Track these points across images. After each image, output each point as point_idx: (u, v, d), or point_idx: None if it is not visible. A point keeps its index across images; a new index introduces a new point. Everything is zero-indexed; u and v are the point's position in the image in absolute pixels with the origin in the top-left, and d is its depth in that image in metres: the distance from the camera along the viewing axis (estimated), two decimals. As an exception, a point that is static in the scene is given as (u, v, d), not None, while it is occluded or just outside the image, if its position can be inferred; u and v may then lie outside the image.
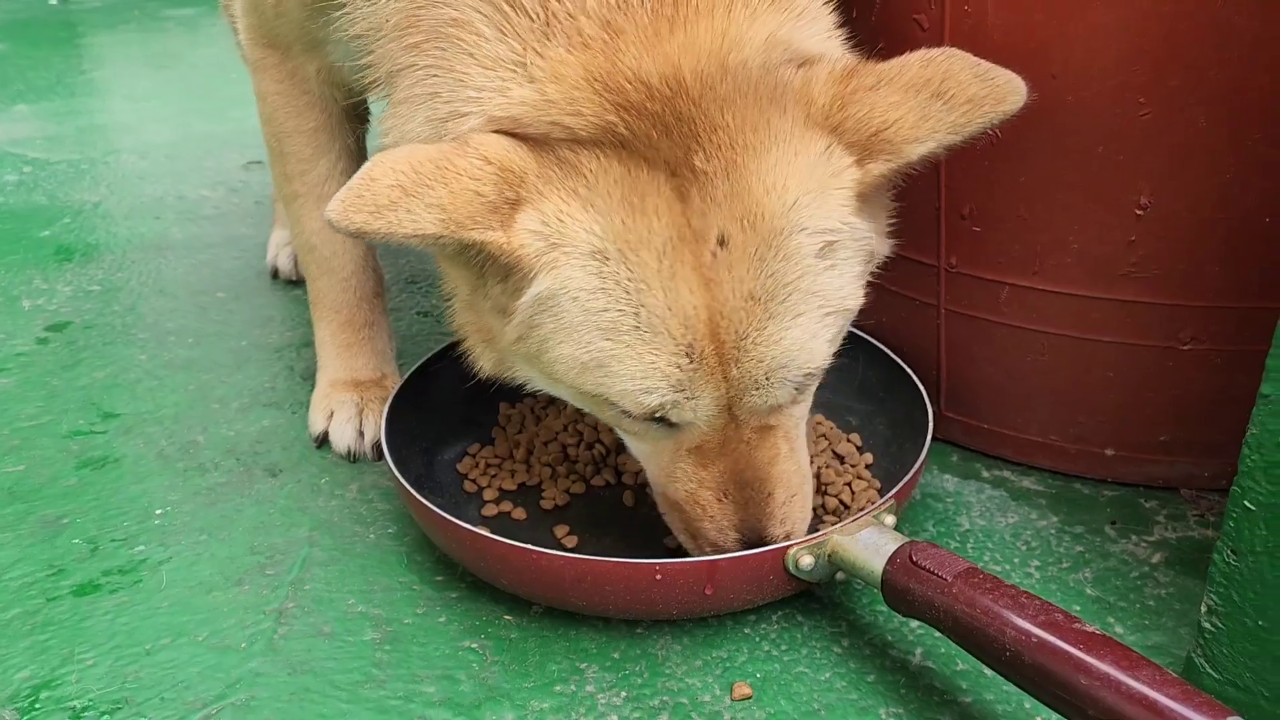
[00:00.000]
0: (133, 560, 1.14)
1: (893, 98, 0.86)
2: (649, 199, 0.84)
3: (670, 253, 0.84)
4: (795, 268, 0.86)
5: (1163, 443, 1.16)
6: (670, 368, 0.86)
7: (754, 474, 0.95)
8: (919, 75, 0.86)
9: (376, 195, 0.81)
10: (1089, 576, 1.07)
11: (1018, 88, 0.85)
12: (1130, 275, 1.08)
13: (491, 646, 1.01)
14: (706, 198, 0.84)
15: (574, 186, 0.85)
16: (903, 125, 0.85)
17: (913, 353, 1.25)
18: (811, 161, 0.86)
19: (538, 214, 0.85)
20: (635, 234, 0.84)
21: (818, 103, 0.86)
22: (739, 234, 0.84)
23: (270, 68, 1.25)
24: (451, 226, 0.82)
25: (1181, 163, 1.02)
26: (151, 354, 1.57)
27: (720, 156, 0.84)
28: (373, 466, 1.29)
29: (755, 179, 0.84)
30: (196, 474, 1.28)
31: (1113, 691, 0.75)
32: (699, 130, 0.83)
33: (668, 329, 0.85)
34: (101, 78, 3.24)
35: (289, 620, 1.05)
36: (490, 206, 0.84)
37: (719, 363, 0.87)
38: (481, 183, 0.83)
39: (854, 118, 0.86)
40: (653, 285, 0.84)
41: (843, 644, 1.00)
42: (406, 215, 0.81)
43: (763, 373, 0.88)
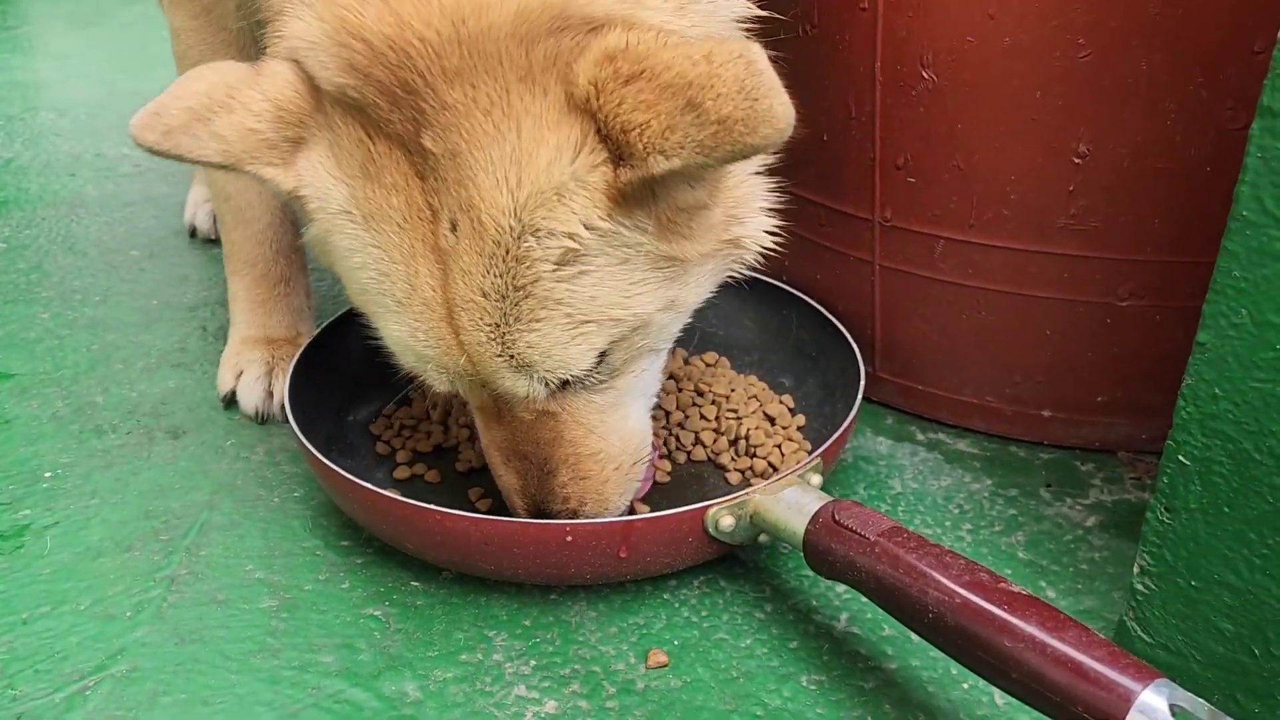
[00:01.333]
0: (15, 525, 1.06)
1: (646, 95, 0.70)
2: (386, 172, 0.78)
3: (410, 230, 0.79)
4: (527, 272, 0.77)
5: (1101, 403, 1.12)
6: (412, 340, 0.83)
7: (533, 450, 0.90)
8: (683, 75, 0.68)
9: (171, 116, 0.79)
10: (1021, 540, 1.03)
11: (777, 118, 0.66)
12: (1069, 228, 1.04)
13: (395, 614, 0.95)
14: (439, 179, 0.76)
15: (330, 140, 0.81)
16: (647, 131, 0.70)
17: (847, 311, 1.20)
18: (557, 154, 0.74)
19: (307, 159, 0.82)
20: (374, 204, 0.79)
21: (579, 84, 0.73)
22: (466, 225, 0.76)
23: (186, 2, 1.17)
24: (231, 159, 0.80)
25: (1122, 108, 0.98)
26: (55, 313, 1.49)
27: (448, 139, 0.75)
28: (282, 429, 1.23)
29: (483, 169, 0.74)
30: (92, 436, 1.21)
31: (1037, 654, 0.71)
32: (425, 106, 0.74)
33: (409, 303, 0.81)
34: (25, 34, 3.11)
35: (180, 587, 0.98)
36: (268, 143, 0.81)
37: (458, 346, 0.81)
38: (259, 118, 0.80)
39: (606, 110, 0.72)
40: (394, 258, 0.80)
41: (766, 609, 0.95)
42: (193, 141, 0.79)
43: (505, 366, 0.81)
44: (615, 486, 0.94)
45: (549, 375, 0.82)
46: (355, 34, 0.75)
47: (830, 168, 1.17)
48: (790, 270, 1.28)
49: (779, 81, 0.67)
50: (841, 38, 1.09)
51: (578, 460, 0.91)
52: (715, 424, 1.17)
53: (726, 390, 1.21)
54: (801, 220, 1.23)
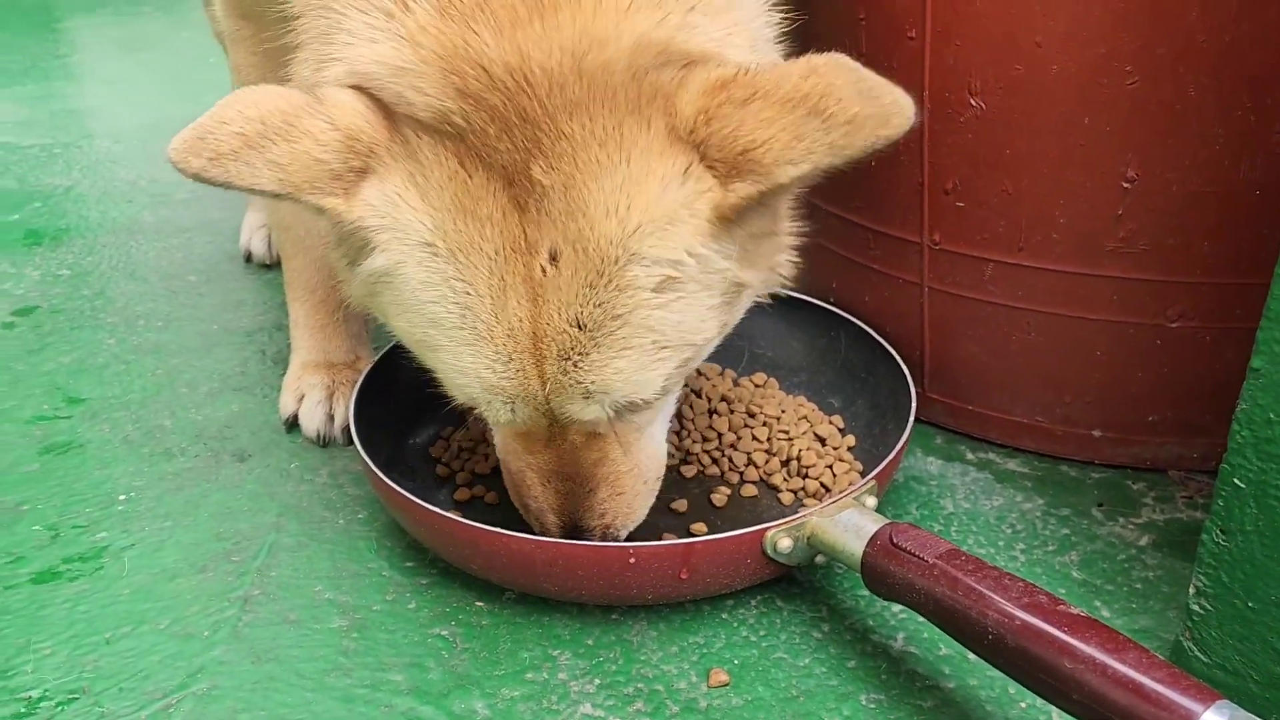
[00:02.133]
0: (94, 547, 1.10)
1: (766, 113, 0.74)
2: (482, 204, 0.79)
3: (501, 262, 0.79)
4: (627, 300, 0.79)
5: (1151, 423, 1.13)
6: (487, 372, 0.83)
7: (577, 471, 0.92)
8: (797, 89, 0.73)
9: (219, 141, 0.76)
10: (1075, 559, 1.05)
11: (904, 109, 0.72)
12: (1118, 251, 1.05)
13: (461, 633, 0.98)
14: (543, 211, 0.78)
15: (412, 170, 0.80)
16: (774, 145, 0.74)
17: (896, 332, 1.22)
18: (664, 184, 0.77)
19: (379, 190, 0.81)
20: (466, 237, 0.79)
21: (684, 115, 0.77)
22: (570, 255, 0.78)
23: (245, 39, 1.21)
24: (289, 188, 0.78)
25: (1170, 134, 0.99)
26: (120, 338, 1.53)
27: (561, 169, 0.77)
28: (344, 451, 1.26)
29: (594, 199, 0.77)
30: (162, 459, 1.25)
31: (1098, 675, 0.72)
32: (541, 136, 0.76)
33: (491, 336, 0.82)
34: (77, 62, 3.18)
35: (254, 607, 1.01)
36: (332, 174, 0.79)
37: (538, 376, 0.83)
38: (326, 148, 0.79)
39: (719, 134, 0.76)
40: (480, 292, 0.80)
41: (823, 629, 0.97)
42: (245, 168, 0.76)
43: (580, 394, 0.83)
44: (643, 500, 0.98)
45: (621, 400, 0.84)
46: (471, 60, 0.76)
47: (878, 192, 1.19)
48: (838, 292, 1.30)
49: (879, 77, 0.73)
50: (889, 65, 1.11)
51: (617, 478, 0.94)
52: (767, 445, 1.19)
53: (777, 411, 1.23)
54: (850, 243, 1.25)
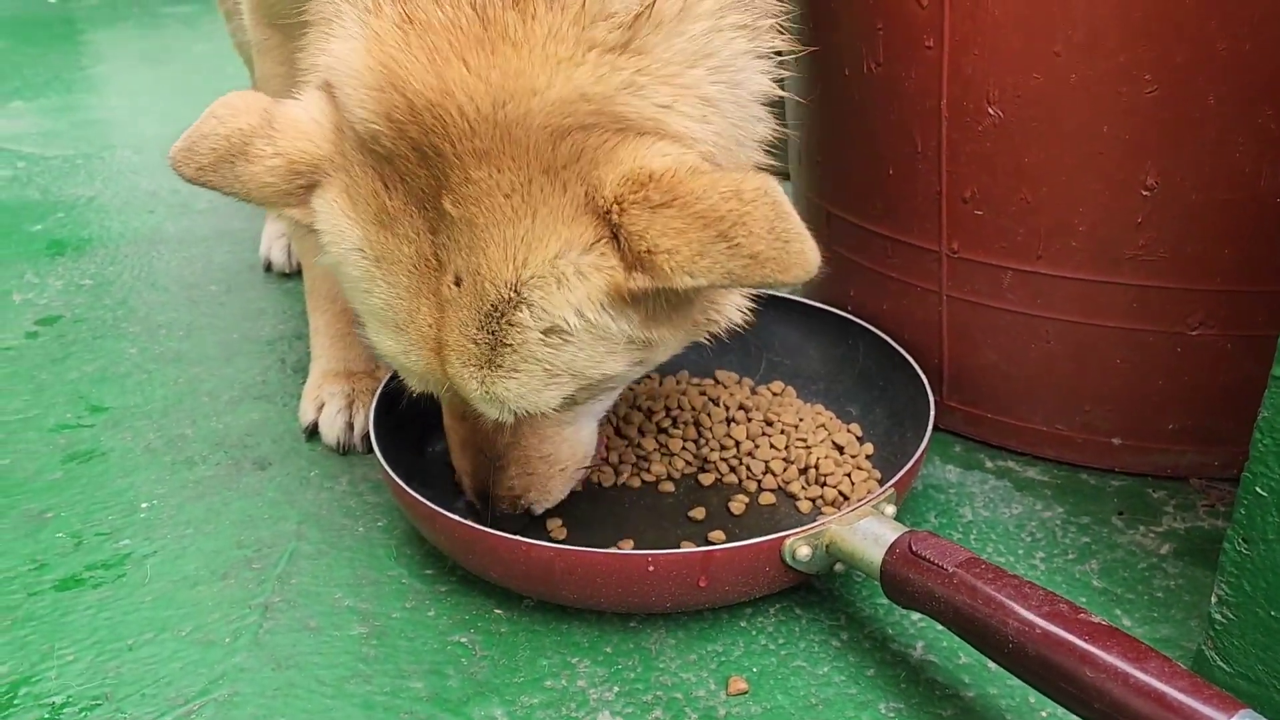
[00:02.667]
0: (117, 554, 1.11)
1: (677, 223, 0.74)
2: (399, 223, 0.83)
3: (416, 274, 0.84)
4: (516, 335, 0.82)
5: (1171, 431, 1.13)
6: (404, 358, 0.89)
7: (489, 447, 0.99)
8: (714, 208, 0.73)
9: (200, 154, 0.83)
10: (1095, 568, 1.04)
11: (807, 262, 0.72)
12: (1137, 259, 1.05)
13: (481, 641, 0.98)
14: (451, 239, 0.81)
15: (346, 182, 0.85)
16: (676, 255, 0.74)
17: (914, 340, 1.22)
18: (566, 248, 0.79)
19: (322, 199, 0.86)
20: (387, 249, 0.84)
21: (605, 194, 0.77)
22: (470, 284, 0.82)
23: (273, 49, 1.22)
24: (256, 201, 0.86)
25: (1189, 141, 0.99)
26: (142, 347, 1.55)
27: (467, 208, 0.79)
28: (364, 459, 1.27)
29: (493, 243, 0.79)
30: (184, 467, 1.26)
31: (1120, 684, 0.72)
32: (451, 174, 0.78)
33: (406, 330, 0.87)
34: (99, 73, 3.22)
35: (274, 614, 1.02)
36: (281, 193, 0.86)
37: (443, 374, 0.88)
38: (272, 172, 0.85)
39: (627, 228, 0.77)
40: (399, 294, 0.85)
41: (842, 637, 0.97)
42: (223, 179, 0.84)
43: (476, 397, 0.88)
44: (559, 483, 1.05)
45: (519, 409, 0.88)
46: (399, 87, 0.77)
47: (896, 201, 1.19)
48: (856, 300, 1.30)
49: (801, 222, 0.73)
50: (906, 74, 1.11)
51: (527, 460, 1.01)
52: (785, 453, 1.19)
53: (795, 419, 1.23)
54: (868, 252, 1.25)
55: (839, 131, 1.26)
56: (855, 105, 1.20)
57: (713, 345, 0.98)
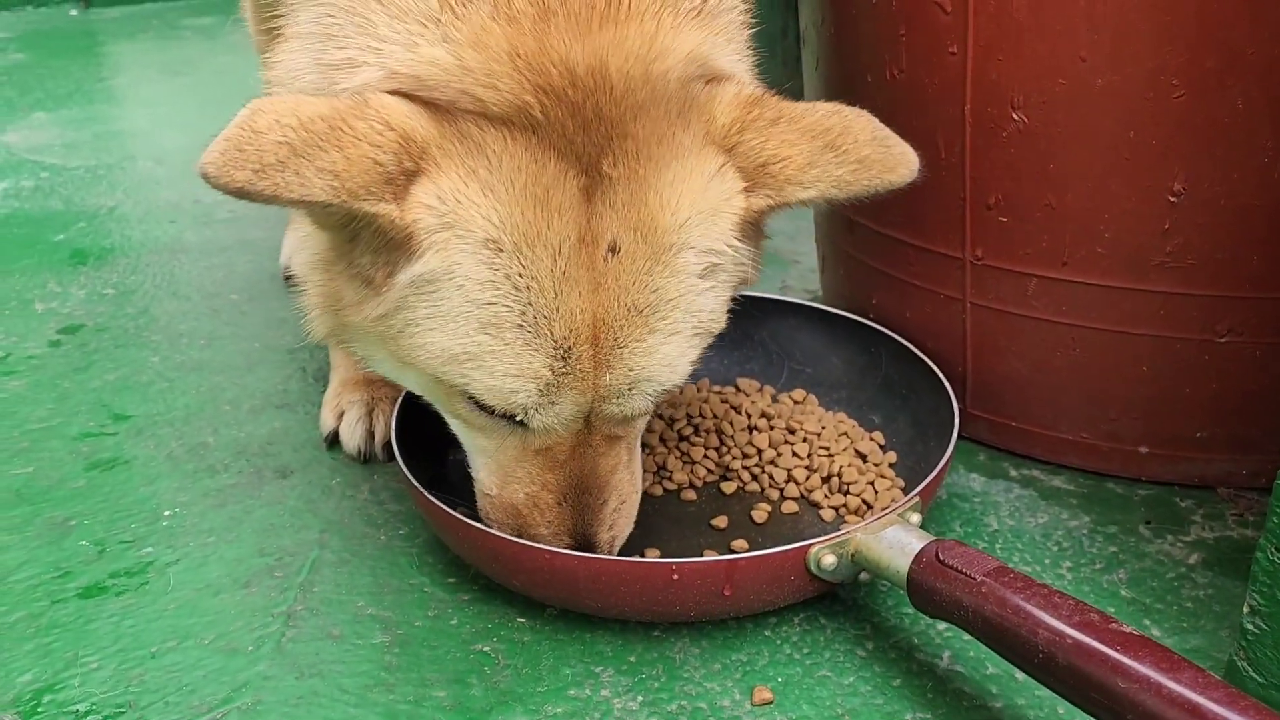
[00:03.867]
0: (140, 562, 1.11)
1: (788, 135, 0.84)
2: (554, 194, 0.81)
3: (566, 253, 0.81)
4: (679, 285, 0.85)
5: (1199, 439, 1.12)
6: (544, 369, 0.84)
7: (595, 481, 0.94)
8: (820, 122, 0.84)
9: (262, 152, 0.73)
10: (1124, 578, 1.03)
11: (910, 161, 0.84)
12: (1164, 265, 1.04)
13: (504, 650, 0.98)
14: (607, 202, 0.82)
15: (474, 166, 0.80)
16: (789, 165, 0.84)
17: (937, 348, 1.21)
18: (706, 181, 0.84)
19: (434, 189, 0.80)
20: (534, 229, 0.81)
21: (719, 122, 0.85)
22: (631, 244, 0.83)
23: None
24: (344, 195, 0.76)
25: (1217, 147, 0.98)
26: (164, 356, 1.55)
27: (626, 164, 0.82)
28: (385, 467, 1.27)
29: (653, 192, 0.83)
30: (206, 475, 1.26)
31: (1153, 695, 0.71)
32: (613, 133, 0.81)
33: (551, 330, 0.83)
34: (119, 85, 3.24)
35: (297, 623, 1.02)
36: (386, 177, 0.78)
37: (592, 368, 0.85)
38: (381, 150, 0.77)
39: (748, 144, 0.84)
40: (544, 285, 0.82)
41: (867, 647, 0.96)
42: (295, 179, 0.74)
43: (628, 383, 0.87)
44: (635, 511, 1.01)
45: (662, 386, 0.88)
46: (552, 59, 0.79)
47: (919, 208, 1.18)
48: (878, 308, 1.30)
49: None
50: (930, 81, 1.11)
51: (622, 485, 0.97)
52: (808, 461, 1.18)
53: (817, 427, 1.22)
54: (890, 259, 1.25)
55: (861, 139, 1.25)
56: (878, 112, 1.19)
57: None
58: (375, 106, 0.79)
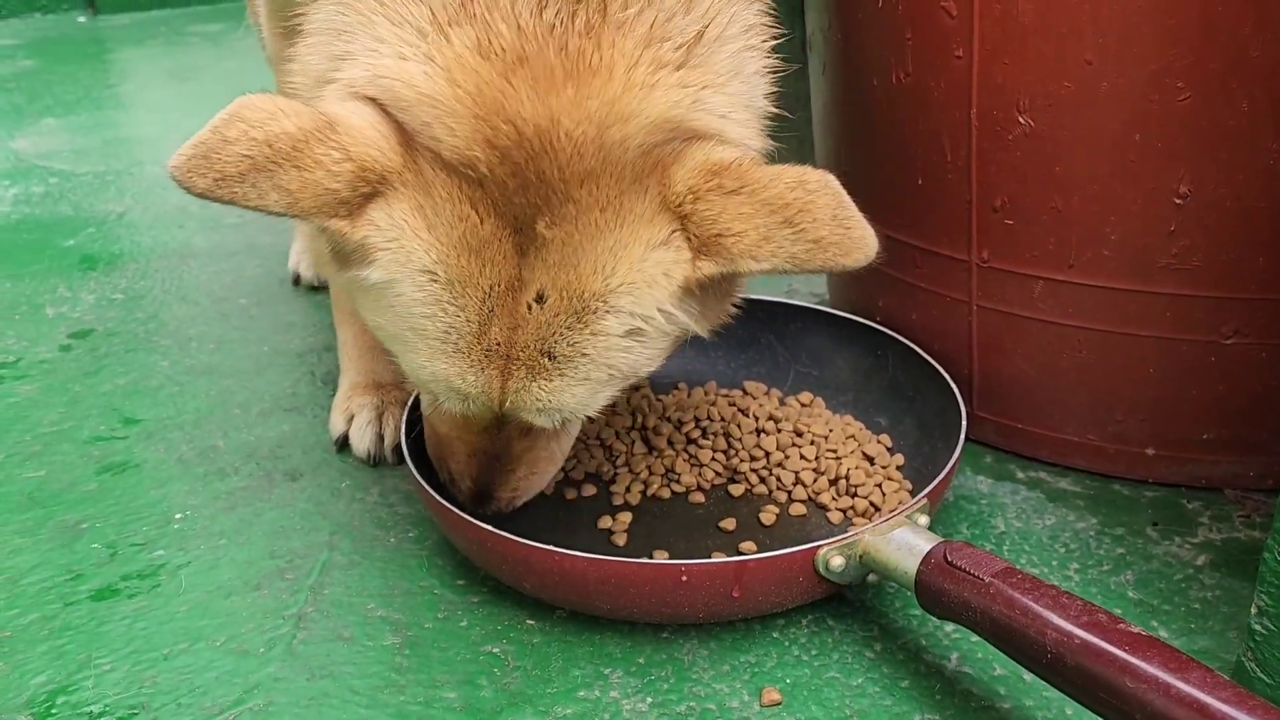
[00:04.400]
0: (151, 565, 1.12)
1: (745, 209, 0.81)
2: (488, 248, 0.83)
3: (495, 296, 0.84)
4: (596, 343, 0.86)
5: (1206, 441, 1.12)
6: (458, 380, 0.89)
7: (507, 454, 1.01)
8: (780, 196, 0.80)
9: (225, 162, 0.75)
10: (1131, 579, 1.03)
11: (867, 247, 0.80)
12: (1170, 267, 1.05)
13: (514, 651, 0.98)
14: (540, 258, 0.83)
15: (422, 203, 0.82)
16: (743, 239, 0.81)
17: (943, 351, 1.22)
18: (645, 250, 0.83)
19: (386, 213, 0.83)
20: (467, 273, 0.84)
21: (674, 189, 0.82)
22: (555, 300, 0.84)
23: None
24: (296, 211, 0.79)
25: (1223, 149, 0.99)
26: (173, 360, 1.56)
27: (563, 227, 0.82)
28: (394, 470, 1.27)
29: (587, 257, 0.83)
30: (216, 478, 1.27)
31: (1161, 695, 0.71)
32: (552, 196, 0.81)
33: (469, 353, 0.87)
34: (127, 91, 3.25)
35: (308, 625, 1.03)
36: (339, 200, 0.80)
37: (501, 389, 0.89)
38: (338, 178, 0.79)
39: (701, 214, 0.82)
40: (470, 317, 0.85)
41: (875, 648, 0.97)
42: (253, 190, 0.76)
43: (535, 409, 0.90)
44: (546, 479, 1.08)
45: (573, 416, 0.92)
46: (505, 116, 0.79)
47: (925, 210, 1.19)
48: (885, 311, 1.30)
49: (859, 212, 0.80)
50: (936, 84, 1.11)
51: (536, 461, 1.04)
52: (815, 464, 1.19)
53: (824, 430, 1.23)
54: (896, 262, 1.25)
55: (867, 142, 1.26)
56: (884, 115, 1.20)
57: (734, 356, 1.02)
58: (342, 130, 0.80)
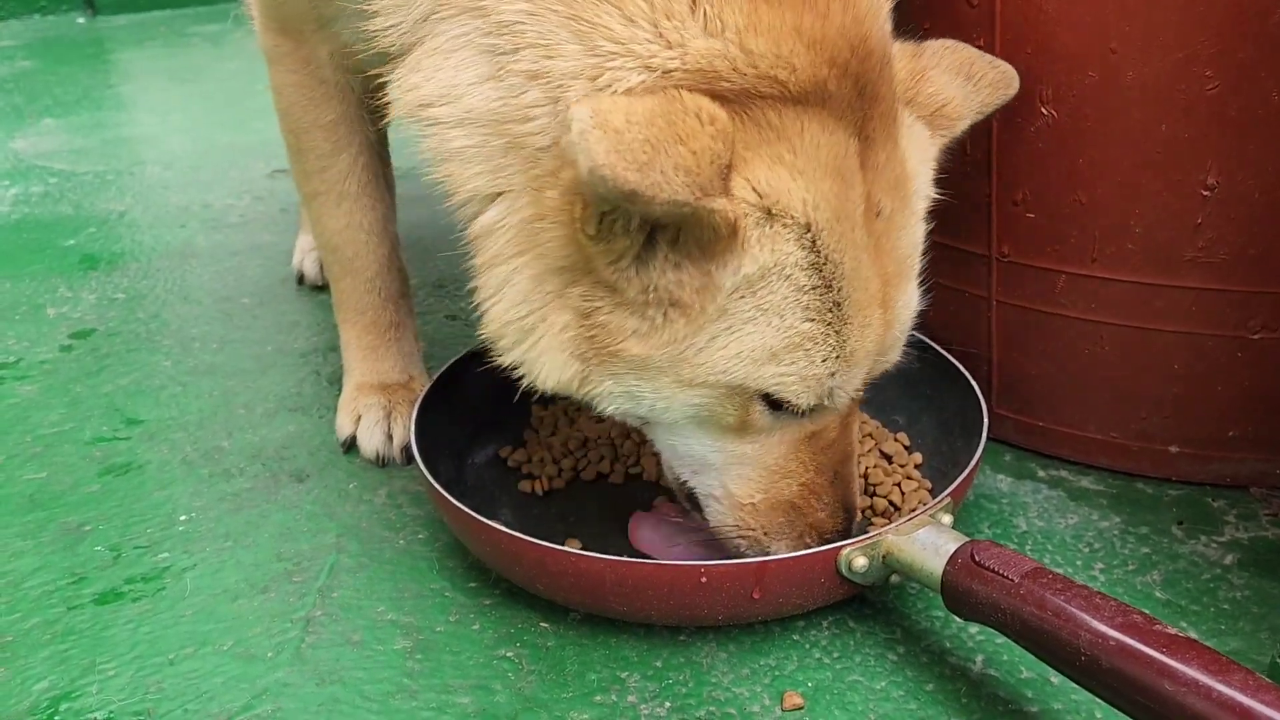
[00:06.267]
0: (156, 568, 1.10)
1: (942, 78, 0.94)
2: (846, 164, 0.83)
3: (860, 222, 0.83)
4: (919, 231, 0.92)
5: (1231, 438, 1.10)
6: (855, 345, 0.84)
7: (851, 449, 0.96)
8: (953, 60, 0.95)
9: (635, 150, 0.68)
10: (1158, 579, 1.01)
11: (1014, 75, 0.99)
12: (1196, 261, 1.02)
13: (528, 655, 0.96)
14: (871, 165, 0.85)
15: (779, 151, 0.78)
16: (953, 102, 0.94)
17: (962, 347, 1.19)
18: (916, 133, 0.92)
19: (748, 181, 0.77)
20: (839, 202, 0.81)
21: (899, 78, 0.90)
22: (889, 202, 0.86)
23: (284, 56, 1.19)
24: (697, 192, 0.70)
25: (1251, 140, 0.97)
26: (176, 360, 1.54)
27: (882, 125, 0.85)
28: (401, 471, 1.25)
29: (898, 149, 0.88)
30: (221, 480, 1.24)
31: (1202, 697, 0.69)
32: (874, 97, 0.84)
33: (867, 303, 0.84)
34: (128, 92, 3.24)
35: (316, 629, 1.00)
36: (720, 170, 0.73)
37: (883, 329, 0.87)
38: (717, 141, 0.72)
39: (924, 94, 0.93)
40: (852, 258, 0.82)
41: (898, 651, 0.95)
42: (661, 178, 0.68)
43: (900, 331, 0.91)
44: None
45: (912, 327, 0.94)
46: (836, 36, 0.81)
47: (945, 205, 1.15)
48: (901, 307, 1.28)
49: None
50: (955, 76, 1.09)
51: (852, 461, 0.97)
52: (832, 463, 1.16)
53: (841, 429, 1.20)
54: (914, 257, 1.23)
55: (883, 136, 1.24)
56: (900, 108, 1.18)
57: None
58: (686, 99, 0.73)
